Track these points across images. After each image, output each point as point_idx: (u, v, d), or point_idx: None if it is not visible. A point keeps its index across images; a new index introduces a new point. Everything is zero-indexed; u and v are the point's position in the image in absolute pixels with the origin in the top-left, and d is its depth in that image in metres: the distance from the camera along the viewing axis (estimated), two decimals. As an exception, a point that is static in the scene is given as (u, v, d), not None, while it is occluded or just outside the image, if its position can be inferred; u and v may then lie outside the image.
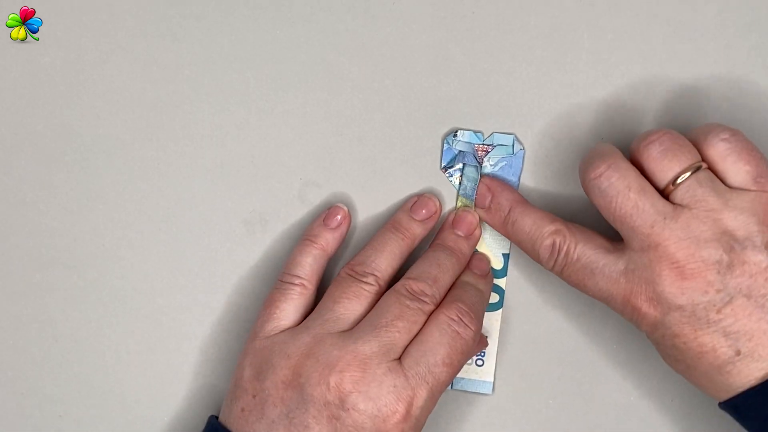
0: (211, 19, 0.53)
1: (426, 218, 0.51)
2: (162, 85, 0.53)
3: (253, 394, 0.46)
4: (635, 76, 0.52)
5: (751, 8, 0.52)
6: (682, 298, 0.43)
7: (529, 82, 0.52)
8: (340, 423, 0.44)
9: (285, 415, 0.45)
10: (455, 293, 0.49)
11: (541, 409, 0.52)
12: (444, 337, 0.46)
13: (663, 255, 0.44)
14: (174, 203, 0.53)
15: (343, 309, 0.47)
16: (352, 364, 0.45)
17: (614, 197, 0.45)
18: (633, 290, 0.45)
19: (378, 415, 0.44)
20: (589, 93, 0.52)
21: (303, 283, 0.49)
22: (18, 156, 0.54)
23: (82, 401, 0.53)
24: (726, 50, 0.52)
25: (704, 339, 0.44)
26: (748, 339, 0.43)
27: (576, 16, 0.52)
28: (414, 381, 0.45)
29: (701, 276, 0.43)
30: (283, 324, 0.48)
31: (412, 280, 0.48)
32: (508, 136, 0.52)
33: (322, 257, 0.50)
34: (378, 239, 0.50)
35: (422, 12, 0.53)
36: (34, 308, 0.54)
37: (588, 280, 0.46)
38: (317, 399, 0.44)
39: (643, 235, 0.44)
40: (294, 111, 0.53)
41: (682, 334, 0.44)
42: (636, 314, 0.45)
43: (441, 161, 0.52)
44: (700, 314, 0.43)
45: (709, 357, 0.44)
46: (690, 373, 0.45)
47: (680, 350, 0.44)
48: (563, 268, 0.47)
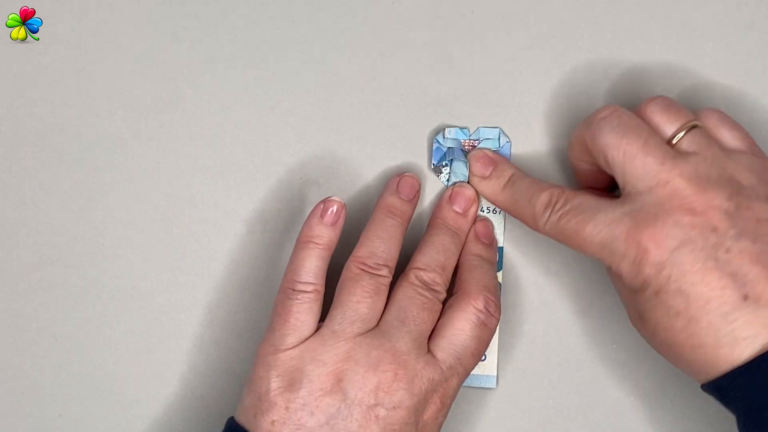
0: (211, 19, 0.53)
1: (414, 197, 0.51)
2: (162, 85, 0.53)
3: (286, 406, 0.45)
4: (635, 75, 0.52)
5: (751, 8, 0.52)
6: (693, 232, 0.42)
7: (530, 83, 0.52)
8: (386, 422, 0.44)
9: (325, 423, 0.44)
10: (478, 277, 0.49)
11: (543, 406, 0.52)
12: (474, 330, 0.47)
13: (673, 192, 0.43)
14: (174, 203, 0.53)
15: (367, 308, 0.46)
16: (393, 363, 0.45)
17: (625, 133, 0.44)
18: (639, 226, 0.43)
19: (418, 409, 0.45)
20: (589, 93, 0.52)
21: (316, 288, 0.47)
22: (18, 156, 0.54)
23: (82, 401, 0.53)
24: (726, 50, 0.52)
25: (712, 277, 0.42)
26: (754, 283, 0.42)
27: (575, 16, 0.52)
28: (448, 373, 0.46)
29: (712, 212, 0.42)
30: (305, 334, 0.46)
31: (423, 271, 0.48)
32: (494, 130, 0.52)
33: (327, 256, 0.49)
34: (379, 227, 0.49)
35: (422, 12, 0.53)
36: (34, 308, 0.53)
37: (588, 224, 0.44)
38: (363, 402, 0.44)
39: (653, 171, 0.43)
40: (294, 111, 0.53)
41: (690, 272, 0.42)
42: (641, 253, 0.43)
43: (431, 160, 0.52)
44: (709, 251, 0.42)
45: (716, 302, 0.42)
46: (688, 332, 0.43)
47: (685, 295, 0.42)
48: (560, 217, 0.46)
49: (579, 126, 0.47)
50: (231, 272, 0.53)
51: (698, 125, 0.45)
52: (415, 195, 0.51)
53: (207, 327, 0.53)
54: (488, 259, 0.51)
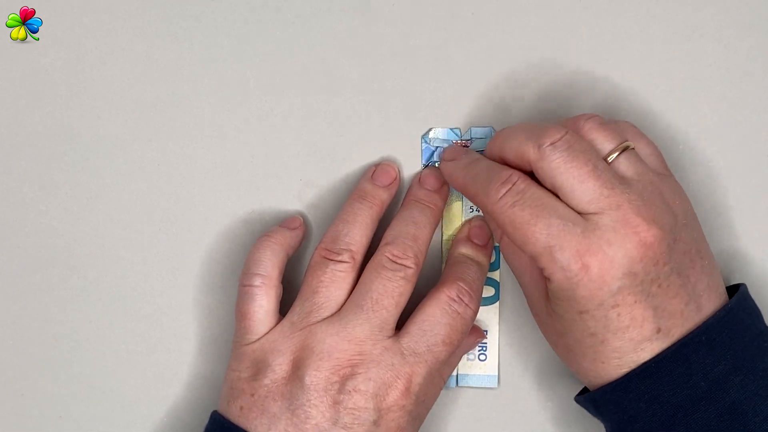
0: (211, 19, 0.53)
1: (389, 184, 0.51)
2: (162, 85, 0.53)
3: (251, 393, 0.46)
4: (635, 75, 0.52)
5: (751, 8, 0.52)
6: (639, 266, 0.43)
7: (530, 83, 0.52)
8: (342, 406, 0.45)
9: (286, 408, 0.45)
10: (456, 270, 0.49)
11: (543, 406, 0.52)
12: (444, 317, 0.47)
13: (624, 218, 0.43)
14: (174, 203, 0.53)
15: (323, 298, 0.47)
16: (348, 349, 0.46)
17: (575, 158, 0.43)
18: (591, 249, 0.42)
19: (378, 394, 0.45)
20: (589, 93, 0.52)
21: (263, 282, 0.48)
22: (18, 156, 0.54)
23: (82, 401, 0.53)
24: (726, 50, 0.52)
25: (638, 312, 0.43)
26: (669, 317, 0.43)
27: (575, 17, 0.52)
28: (412, 359, 0.46)
29: (659, 246, 0.43)
30: (264, 329, 0.48)
31: (391, 245, 0.48)
32: (486, 129, 0.52)
33: (279, 251, 0.49)
34: (346, 211, 0.49)
35: (422, 12, 0.53)
36: (34, 308, 0.54)
37: (540, 220, 0.43)
38: (318, 387, 0.45)
39: (603, 195, 0.43)
40: (294, 111, 0.53)
41: (622, 304, 0.43)
42: (581, 273, 0.43)
43: (421, 159, 0.52)
44: (646, 285, 0.43)
45: (633, 332, 0.43)
46: (596, 350, 0.44)
47: (608, 322, 0.43)
48: (515, 202, 0.44)
49: (515, 139, 0.46)
50: (231, 273, 0.53)
51: (630, 146, 0.45)
52: (391, 182, 0.51)
53: (207, 328, 0.53)
54: (476, 259, 0.50)
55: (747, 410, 0.43)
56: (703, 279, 0.45)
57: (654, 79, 0.52)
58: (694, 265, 0.44)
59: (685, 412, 0.43)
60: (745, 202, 0.52)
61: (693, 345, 0.43)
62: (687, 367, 0.43)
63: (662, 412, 0.43)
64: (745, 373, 0.43)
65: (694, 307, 0.44)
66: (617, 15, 0.52)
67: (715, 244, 0.50)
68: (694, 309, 0.44)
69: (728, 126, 0.52)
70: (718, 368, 0.43)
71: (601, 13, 0.52)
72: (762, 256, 0.52)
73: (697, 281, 0.44)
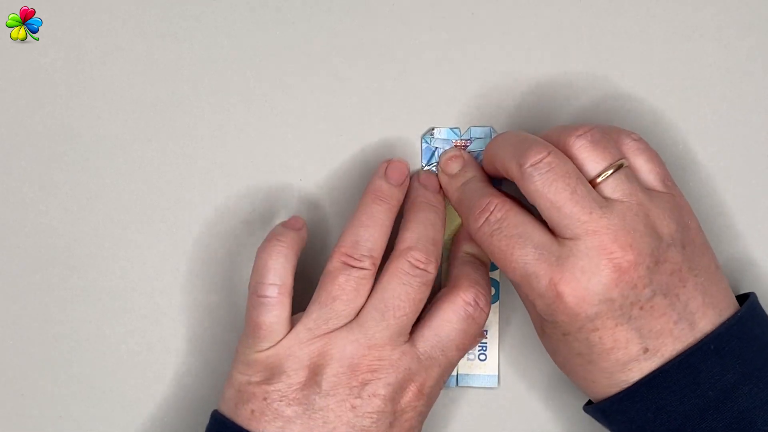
0: (211, 19, 0.53)
1: (403, 182, 0.50)
2: (162, 85, 0.53)
3: (263, 397, 0.46)
4: (634, 75, 0.52)
5: (751, 8, 0.52)
6: (615, 291, 0.43)
7: (530, 83, 0.52)
8: (360, 410, 0.45)
9: (302, 412, 0.45)
10: (467, 272, 0.49)
11: (543, 406, 0.52)
12: (460, 323, 0.47)
13: (600, 244, 0.43)
14: (174, 203, 0.53)
15: (343, 305, 0.46)
16: (368, 355, 0.46)
17: (554, 182, 0.43)
18: (564, 277, 0.43)
19: (395, 397, 0.46)
20: (590, 93, 0.52)
21: (280, 291, 0.47)
22: (18, 156, 0.54)
23: (82, 401, 0.53)
24: (726, 50, 0.52)
25: (620, 335, 0.43)
26: (656, 337, 0.44)
27: (575, 17, 0.52)
28: (427, 363, 0.46)
29: (635, 270, 0.43)
30: (279, 336, 0.47)
31: (415, 251, 0.47)
32: (485, 129, 0.52)
33: (292, 257, 0.48)
34: (364, 213, 0.48)
35: (422, 12, 0.53)
36: (34, 308, 0.54)
37: (516, 250, 0.44)
38: (337, 392, 0.45)
39: (579, 221, 0.43)
40: (294, 111, 0.53)
41: (602, 328, 0.43)
42: (557, 301, 0.43)
43: (421, 159, 0.52)
44: (625, 309, 0.43)
45: (618, 353, 0.44)
46: (585, 369, 0.45)
47: (591, 344, 0.44)
48: (493, 232, 0.45)
49: (499, 155, 0.46)
50: (231, 273, 0.53)
51: (624, 164, 0.45)
52: (404, 180, 0.50)
53: (207, 328, 0.53)
54: (481, 258, 0.50)
55: (756, 419, 0.43)
56: (696, 297, 0.44)
57: (654, 79, 0.52)
58: (685, 283, 0.44)
59: (694, 421, 0.43)
60: (746, 203, 0.52)
61: (701, 354, 0.43)
62: (695, 376, 0.43)
63: (670, 422, 0.43)
64: (754, 382, 0.43)
65: (686, 325, 0.44)
66: (617, 15, 0.52)
67: (715, 245, 0.50)
68: (686, 327, 0.44)
69: (728, 126, 0.52)
70: (726, 377, 0.43)
71: (601, 13, 0.52)
72: (762, 256, 0.52)
73: (689, 299, 0.44)
